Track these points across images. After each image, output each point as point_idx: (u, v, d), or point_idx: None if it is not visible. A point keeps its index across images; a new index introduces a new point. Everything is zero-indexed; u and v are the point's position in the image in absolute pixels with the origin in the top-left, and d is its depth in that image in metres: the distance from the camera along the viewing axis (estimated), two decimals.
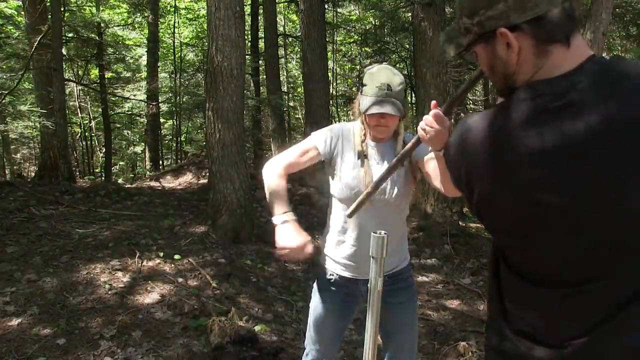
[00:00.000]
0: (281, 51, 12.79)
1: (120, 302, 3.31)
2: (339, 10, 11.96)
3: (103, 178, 11.41)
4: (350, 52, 13.75)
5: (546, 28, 0.83)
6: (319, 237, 1.97)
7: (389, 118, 1.71)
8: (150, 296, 3.45)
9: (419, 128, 1.43)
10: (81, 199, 5.84)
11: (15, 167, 13.16)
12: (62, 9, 8.39)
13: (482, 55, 0.94)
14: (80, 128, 14.04)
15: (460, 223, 5.87)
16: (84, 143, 14.27)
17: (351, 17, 13.15)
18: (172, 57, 12.94)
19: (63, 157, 7.26)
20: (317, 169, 1.90)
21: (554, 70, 0.84)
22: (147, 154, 12.36)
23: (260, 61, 10.18)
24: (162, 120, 13.50)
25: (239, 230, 4.89)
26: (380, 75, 1.71)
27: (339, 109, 13.86)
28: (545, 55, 0.84)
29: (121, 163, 15.24)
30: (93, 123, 14.04)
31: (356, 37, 12.41)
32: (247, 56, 8.94)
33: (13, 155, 13.76)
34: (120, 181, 10.50)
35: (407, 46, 10.37)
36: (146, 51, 12.10)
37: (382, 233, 1.41)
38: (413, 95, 10.30)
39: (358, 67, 13.14)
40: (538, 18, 0.82)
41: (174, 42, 12.84)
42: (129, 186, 7.82)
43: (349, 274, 1.84)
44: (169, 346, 2.90)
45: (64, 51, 9.29)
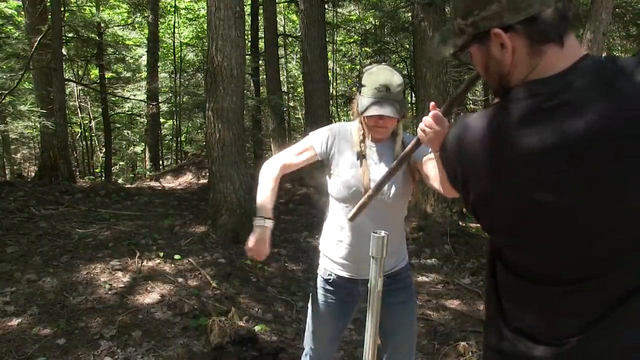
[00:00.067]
0: (281, 51, 12.79)
1: (120, 302, 3.31)
2: (339, 10, 11.96)
3: (103, 178, 11.41)
4: (350, 52, 13.75)
5: (540, 28, 0.84)
6: (319, 237, 1.98)
7: (388, 119, 1.71)
8: (150, 296, 3.45)
9: (419, 130, 1.43)
10: (81, 199, 5.84)
11: (15, 167, 13.16)
12: (62, 9, 8.39)
13: (477, 55, 0.95)
14: (80, 128, 14.05)
15: (460, 223, 5.87)
16: (84, 143, 14.27)
17: (351, 17, 13.15)
18: (172, 57, 12.95)
19: (63, 157, 7.26)
20: (316, 169, 1.90)
21: (548, 70, 0.84)
22: (147, 154, 12.36)
23: (260, 61, 10.18)
24: (162, 120, 13.51)
25: (239, 230, 4.89)
26: (379, 76, 1.70)
27: (339, 109, 13.85)
28: (539, 55, 0.85)
29: (121, 163, 15.25)
30: (93, 123, 14.04)
31: (356, 37, 12.41)
32: (247, 56, 8.94)
33: (13, 155, 13.76)
34: (120, 181, 10.50)
35: (407, 46, 10.37)
36: (146, 51, 12.10)
37: (382, 233, 1.41)
38: (413, 95, 10.30)
39: (358, 67, 13.14)
40: (531, 18, 0.83)
41: (174, 42, 12.84)
42: (129, 186, 7.83)
43: (347, 274, 1.84)
44: (169, 346, 2.90)
45: (64, 51, 9.29)
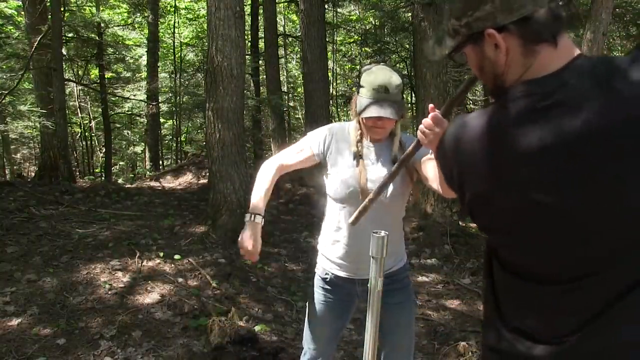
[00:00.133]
0: (281, 51, 12.79)
1: (120, 302, 3.31)
2: (339, 10, 11.95)
3: (103, 178, 11.41)
4: (350, 52, 13.75)
5: (533, 28, 0.84)
6: (319, 237, 1.98)
7: (386, 120, 1.71)
8: (150, 296, 3.45)
9: (419, 132, 1.43)
10: (81, 199, 5.84)
11: (15, 167, 13.16)
12: (62, 9, 8.39)
13: (471, 56, 0.95)
14: (80, 128, 14.05)
15: (460, 223, 5.87)
16: (84, 143, 14.27)
17: (351, 17, 13.15)
18: (172, 57, 12.95)
19: (63, 157, 7.26)
20: (317, 169, 1.90)
21: (542, 69, 0.85)
22: (147, 154, 12.36)
23: (260, 61, 10.18)
24: (162, 120, 13.51)
25: (239, 230, 4.84)
26: (377, 76, 1.69)
27: (339, 109, 13.85)
28: (533, 55, 0.85)
29: (121, 163, 15.25)
30: (93, 123, 14.04)
31: (356, 37, 12.41)
32: (247, 56, 8.94)
33: (13, 155, 13.76)
34: (120, 181, 10.50)
35: (407, 46, 10.36)
36: (146, 51, 12.10)
37: (382, 233, 1.41)
38: (413, 95, 10.30)
39: (358, 67, 13.14)
40: (525, 18, 0.84)
41: (174, 42, 12.84)
42: (129, 186, 7.82)
43: (345, 274, 1.85)
44: (169, 346, 2.90)
45: (64, 51, 9.29)
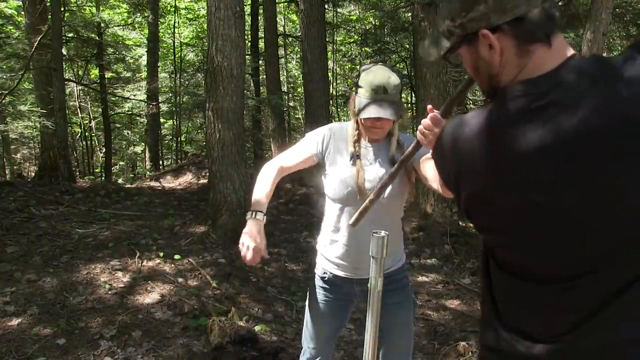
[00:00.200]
0: (281, 51, 12.79)
1: (120, 302, 3.31)
2: (339, 10, 11.96)
3: (103, 178, 11.41)
4: (350, 52, 13.75)
5: (527, 28, 0.84)
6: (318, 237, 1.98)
7: (384, 121, 1.71)
8: (150, 296, 3.45)
9: (418, 132, 1.43)
10: (81, 199, 5.84)
11: (15, 167, 13.16)
12: (62, 9, 8.39)
13: (466, 56, 0.95)
14: (80, 128, 14.05)
15: (460, 223, 5.87)
16: (84, 143, 14.27)
17: (351, 17, 13.15)
18: (172, 57, 12.95)
19: (63, 157, 7.26)
20: (316, 169, 1.90)
21: (537, 70, 0.85)
22: (147, 154, 12.36)
23: (260, 61, 10.18)
24: (162, 120, 13.50)
25: (239, 230, 4.80)
26: (376, 76, 1.69)
27: (339, 109, 13.86)
28: (527, 55, 0.86)
29: (121, 163, 15.25)
30: (93, 123, 14.04)
31: (356, 37, 12.41)
32: (247, 56, 8.94)
33: (13, 155, 13.76)
34: (120, 181, 10.50)
35: (407, 46, 10.36)
36: (146, 51, 12.10)
37: (382, 233, 1.41)
38: (413, 95, 10.29)
39: (358, 67, 13.12)
40: (518, 19, 0.84)
41: (174, 42, 12.84)
42: (129, 186, 7.83)
43: (343, 274, 1.85)
44: (169, 346, 2.90)
45: (64, 51, 9.29)
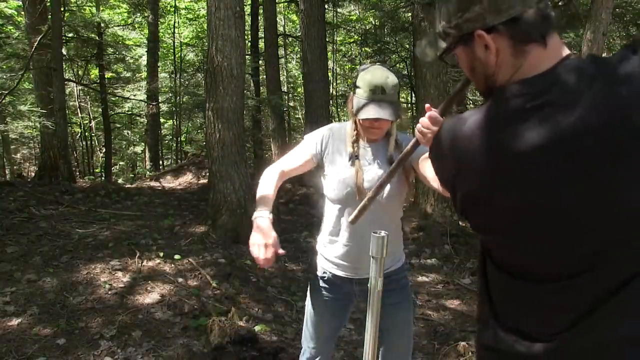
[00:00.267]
0: (281, 51, 12.79)
1: (120, 302, 3.31)
2: (339, 10, 11.96)
3: (103, 178, 11.41)
4: (350, 52, 13.75)
5: (522, 29, 0.85)
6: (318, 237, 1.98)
7: (383, 121, 1.71)
8: (150, 296, 3.45)
9: (417, 131, 1.43)
10: (81, 199, 5.84)
11: (15, 167, 13.16)
12: (62, 9, 8.39)
13: (462, 57, 0.96)
14: (80, 128, 14.05)
15: (460, 223, 5.86)
16: (84, 143, 14.28)
17: (351, 17, 13.15)
18: (172, 57, 12.95)
19: (63, 157, 7.26)
20: (316, 169, 1.90)
21: (532, 70, 0.85)
22: (147, 154, 12.36)
23: (260, 61, 10.18)
24: (162, 120, 13.51)
25: (239, 230, 4.88)
26: (374, 77, 1.69)
27: (339, 109, 13.86)
28: (522, 55, 0.86)
29: (121, 163, 15.25)
30: (93, 123, 14.04)
31: (356, 37, 12.41)
32: (247, 56, 8.94)
33: (13, 155, 13.76)
34: (120, 181, 10.50)
35: (407, 46, 10.36)
36: (146, 51, 12.10)
37: (382, 233, 1.41)
38: (413, 95, 10.29)
39: (358, 67, 13.12)
40: (514, 19, 0.84)
41: (174, 42, 12.84)
42: (129, 186, 7.83)
43: (342, 273, 1.86)
44: (169, 346, 2.90)
45: (64, 51, 9.29)
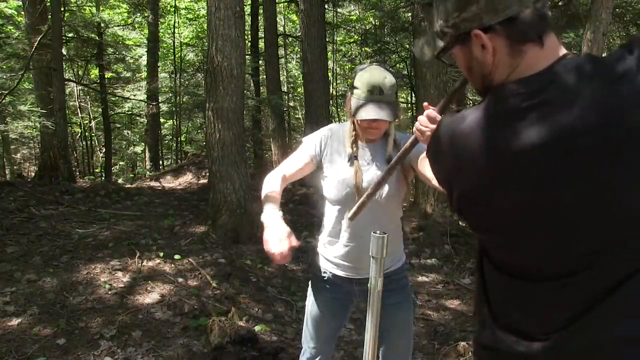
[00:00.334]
0: (281, 51, 12.79)
1: (120, 302, 3.31)
2: (339, 10, 11.95)
3: (103, 178, 11.41)
4: (350, 52, 13.74)
5: (519, 28, 0.85)
6: (319, 237, 1.98)
7: (381, 122, 1.71)
8: (150, 296, 3.45)
9: (415, 129, 1.43)
10: (81, 199, 5.84)
11: (15, 167, 13.16)
12: (62, 9, 8.39)
13: (459, 56, 0.96)
14: (80, 128, 14.05)
15: (460, 223, 5.86)
16: (84, 143, 14.27)
17: (351, 17, 13.15)
18: (172, 57, 12.95)
19: (63, 157, 7.26)
20: (316, 170, 1.90)
21: (529, 69, 0.85)
22: (147, 154, 12.36)
23: (260, 61, 10.18)
24: (162, 120, 13.51)
25: (239, 230, 4.89)
26: (371, 77, 1.69)
27: (339, 109, 13.86)
28: (519, 55, 0.86)
29: (121, 163, 15.25)
30: (93, 123, 14.04)
31: (356, 37, 12.41)
32: (247, 56, 8.94)
33: (13, 155, 13.76)
34: (120, 181, 10.50)
35: (407, 46, 10.35)
36: (146, 51, 12.10)
37: (382, 233, 1.41)
38: (413, 95, 10.29)
39: (355, 67, 13.12)
40: (510, 19, 0.84)
41: (174, 42, 12.84)
42: (129, 186, 7.82)
43: (342, 273, 1.86)
44: (169, 346, 2.91)
45: (64, 51, 9.29)
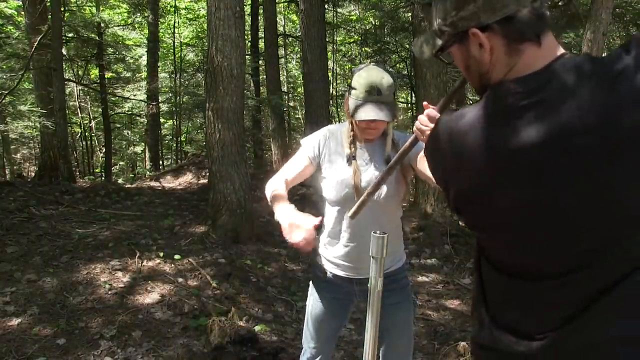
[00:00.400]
0: (281, 51, 12.79)
1: (120, 302, 3.31)
2: (339, 10, 11.96)
3: (103, 178, 11.41)
4: (350, 52, 13.74)
5: (516, 27, 0.85)
6: (318, 237, 1.98)
7: (379, 122, 1.71)
8: (150, 296, 3.45)
9: (415, 128, 1.43)
10: (81, 199, 5.84)
11: (15, 167, 13.16)
12: (62, 9, 8.39)
13: (457, 55, 0.96)
14: (80, 128, 14.05)
15: (460, 223, 5.87)
16: (84, 143, 14.27)
17: (351, 17, 13.15)
18: (172, 57, 12.95)
19: (63, 157, 7.26)
20: (316, 172, 1.90)
21: (527, 68, 0.85)
22: (147, 154, 12.36)
23: (260, 61, 10.18)
24: (162, 120, 13.50)
25: (239, 230, 4.89)
26: (369, 77, 1.69)
27: (339, 109, 13.86)
28: (517, 54, 0.86)
29: (121, 163, 15.25)
30: (93, 123, 14.04)
31: (356, 37, 12.42)
32: (247, 56, 8.94)
33: (13, 155, 13.76)
34: (120, 181, 10.50)
35: (407, 46, 10.35)
36: (146, 51, 12.10)
37: (382, 233, 1.41)
38: (413, 95, 10.29)
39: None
40: (508, 18, 0.84)
41: (174, 42, 12.84)
42: (129, 186, 7.82)
43: (343, 274, 1.86)
44: (169, 346, 2.91)
45: (64, 51, 9.29)
